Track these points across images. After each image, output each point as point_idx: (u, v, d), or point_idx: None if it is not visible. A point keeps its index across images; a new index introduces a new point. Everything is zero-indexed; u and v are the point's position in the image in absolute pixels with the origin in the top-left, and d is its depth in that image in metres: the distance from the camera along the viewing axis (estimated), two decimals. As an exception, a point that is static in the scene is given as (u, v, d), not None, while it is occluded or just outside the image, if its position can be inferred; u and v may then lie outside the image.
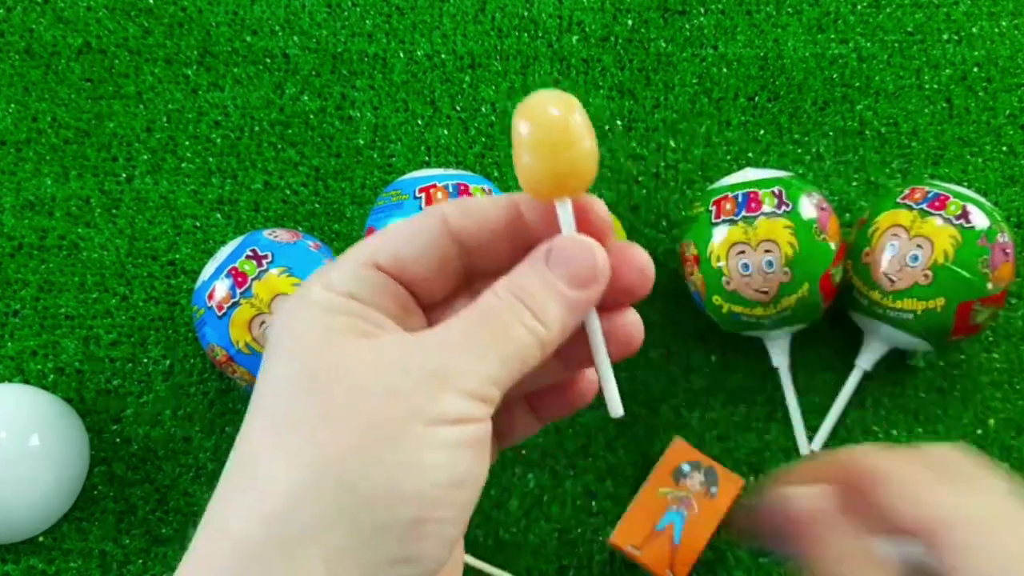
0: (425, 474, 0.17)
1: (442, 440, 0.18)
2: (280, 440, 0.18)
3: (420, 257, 0.21)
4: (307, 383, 0.18)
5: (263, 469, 0.17)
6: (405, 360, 0.18)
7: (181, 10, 0.52)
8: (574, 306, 0.20)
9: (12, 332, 0.46)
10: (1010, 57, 0.52)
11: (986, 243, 0.40)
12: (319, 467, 0.17)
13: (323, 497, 0.17)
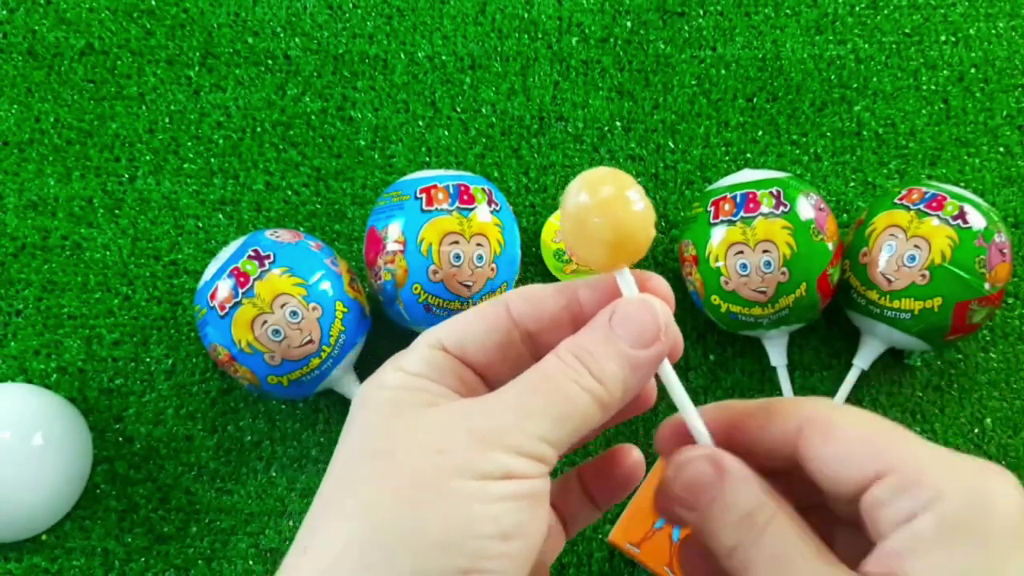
0: (471, 526, 0.18)
1: (490, 494, 0.18)
2: (339, 502, 0.19)
3: (483, 341, 0.22)
4: (370, 450, 0.19)
5: (320, 530, 0.18)
6: (460, 420, 0.19)
7: (183, 11, 0.53)
8: (637, 366, 0.20)
9: (15, 332, 0.46)
10: (1007, 58, 0.53)
11: (983, 243, 0.40)
12: (369, 520, 0.18)
13: (371, 547, 0.17)
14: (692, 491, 0.20)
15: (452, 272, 0.40)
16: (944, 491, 0.17)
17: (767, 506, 0.20)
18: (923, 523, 0.17)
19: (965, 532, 0.17)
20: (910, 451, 0.18)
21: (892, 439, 0.19)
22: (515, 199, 0.50)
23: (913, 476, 0.18)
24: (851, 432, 0.19)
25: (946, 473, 0.18)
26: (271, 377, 0.39)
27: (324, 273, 0.40)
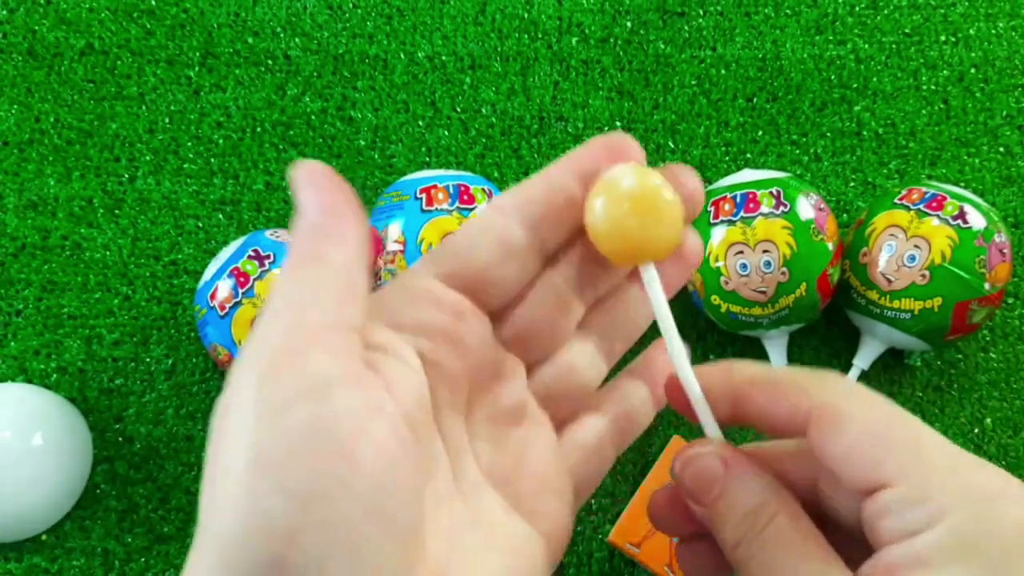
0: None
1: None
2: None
3: (482, 241, 0.20)
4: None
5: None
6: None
7: (183, 12, 0.53)
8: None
9: (15, 332, 0.46)
10: (1007, 58, 0.53)
11: (983, 243, 0.40)
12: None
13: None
14: (699, 486, 0.20)
15: (452, 272, 0.40)
16: (950, 509, 0.17)
17: (770, 504, 0.19)
18: (925, 540, 0.17)
19: (967, 555, 0.17)
20: (921, 459, 0.18)
21: (903, 443, 0.18)
22: (515, 199, 0.50)
23: (921, 490, 0.17)
24: (861, 430, 0.18)
25: (956, 490, 0.17)
26: (271, 377, 0.39)
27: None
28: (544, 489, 0.21)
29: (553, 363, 0.22)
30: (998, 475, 0.18)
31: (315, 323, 0.17)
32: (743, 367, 0.21)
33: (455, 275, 0.20)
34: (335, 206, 0.19)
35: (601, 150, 0.21)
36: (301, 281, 0.18)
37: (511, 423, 0.21)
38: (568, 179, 0.21)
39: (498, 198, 0.21)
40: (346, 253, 0.18)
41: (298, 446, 0.16)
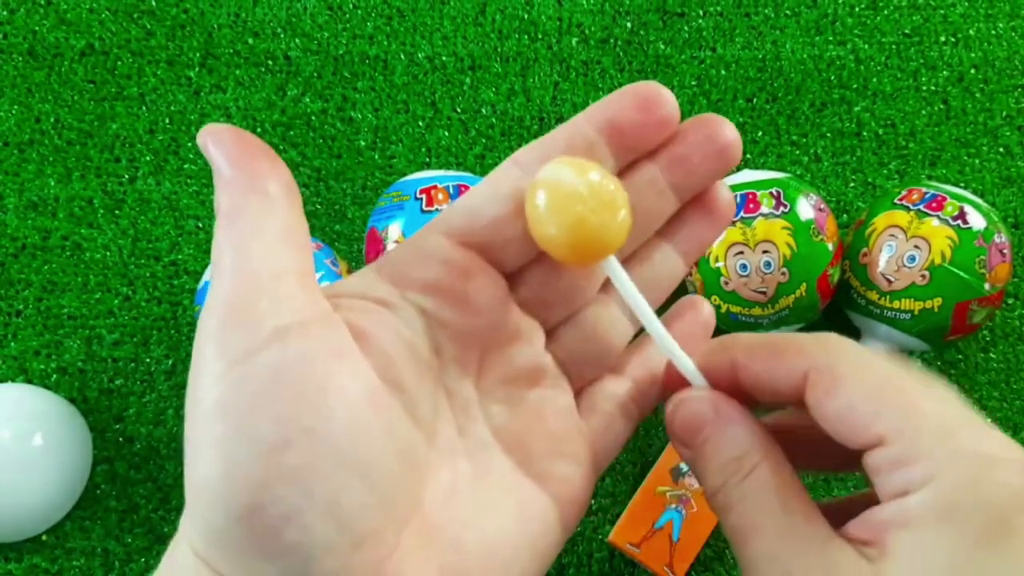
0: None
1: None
2: None
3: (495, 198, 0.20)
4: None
5: None
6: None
7: (183, 12, 0.53)
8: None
9: (15, 332, 0.46)
10: (1007, 59, 0.53)
11: (983, 243, 0.40)
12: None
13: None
14: (688, 429, 0.20)
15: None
16: (940, 472, 0.17)
17: (754, 453, 0.19)
18: (912, 501, 0.17)
19: (953, 518, 0.16)
20: (915, 418, 0.17)
21: (898, 404, 0.18)
22: (515, 199, 0.50)
23: (912, 450, 0.17)
24: (855, 391, 0.18)
25: (948, 452, 0.17)
26: (271, 377, 0.39)
27: (324, 274, 0.40)
28: (558, 452, 0.21)
29: (574, 324, 0.22)
30: (997, 441, 0.17)
31: (262, 271, 0.17)
32: (740, 337, 0.21)
33: (467, 232, 0.19)
34: (247, 155, 0.18)
35: (630, 100, 0.19)
36: (238, 235, 0.17)
37: (527, 385, 0.21)
38: (593, 132, 0.20)
39: (520, 152, 0.20)
40: (273, 198, 0.18)
41: (260, 395, 0.16)
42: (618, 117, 0.20)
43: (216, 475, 0.16)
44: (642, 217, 0.21)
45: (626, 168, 0.21)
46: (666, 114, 0.20)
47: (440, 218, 0.20)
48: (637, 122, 0.20)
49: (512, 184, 0.19)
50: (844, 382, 0.18)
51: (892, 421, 0.17)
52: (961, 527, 0.16)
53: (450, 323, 0.19)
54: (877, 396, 0.18)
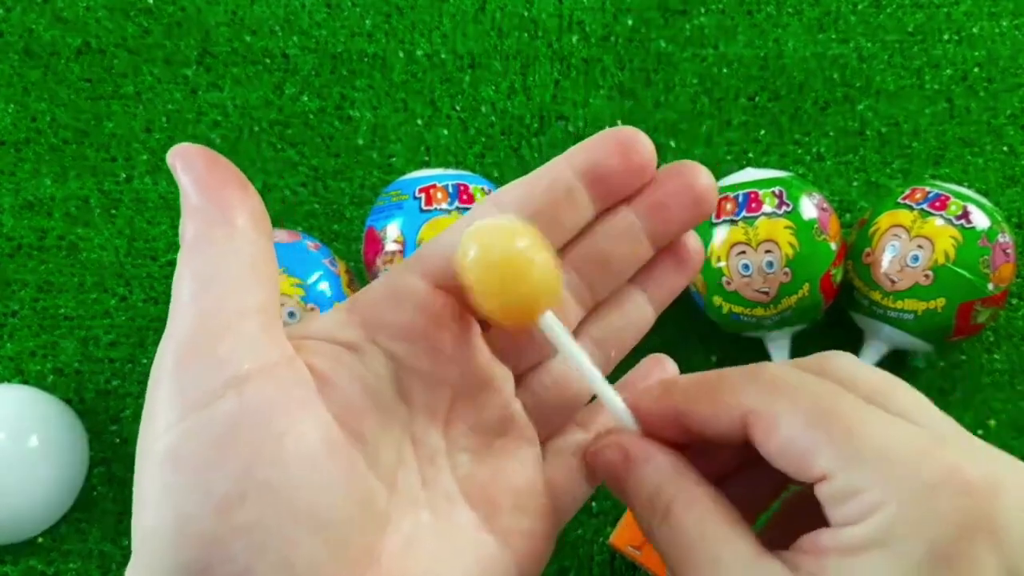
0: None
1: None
2: None
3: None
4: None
5: None
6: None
7: (180, 10, 0.52)
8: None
9: (11, 333, 0.46)
10: (1011, 57, 0.52)
11: (987, 243, 0.40)
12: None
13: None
14: (607, 475, 0.20)
15: (451, 273, 0.40)
16: (883, 502, 0.16)
17: (666, 489, 0.19)
18: (855, 531, 0.17)
19: (894, 547, 0.16)
20: (853, 451, 0.17)
21: (838, 433, 0.17)
22: (515, 199, 0.49)
23: (852, 483, 0.17)
24: (793, 427, 0.18)
25: (889, 481, 0.16)
26: (269, 379, 0.39)
27: (322, 273, 0.40)
28: (522, 507, 0.20)
29: (544, 371, 0.22)
30: (944, 462, 0.16)
31: (224, 309, 0.17)
32: (679, 381, 0.20)
33: (443, 275, 0.19)
34: (218, 184, 0.18)
35: (610, 146, 0.20)
36: (202, 268, 0.17)
37: (495, 435, 0.21)
38: (572, 176, 0.20)
39: (498, 193, 0.20)
40: (241, 231, 0.17)
41: (215, 447, 0.15)
42: (598, 163, 0.20)
43: (166, 527, 0.15)
44: (617, 263, 0.21)
45: (604, 213, 0.21)
46: (644, 161, 0.20)
47: (415, 257, 0.20)
48: (616, 168, 0.20)
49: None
50: (780, 421, 0.18)
51: (831, 456, 0.17)
52: (901, 557, 0.16)
53: (421, 370, 0.19)
54: (815, 431, 0.17)
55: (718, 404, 0.19)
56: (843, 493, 0.17)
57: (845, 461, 0.17)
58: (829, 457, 0.17)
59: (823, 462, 0.17)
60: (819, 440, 0.17)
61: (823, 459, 0.17)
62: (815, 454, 0.17)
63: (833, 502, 0.17)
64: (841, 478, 0.17)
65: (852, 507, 0.17)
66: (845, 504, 0.17)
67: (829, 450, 0.17)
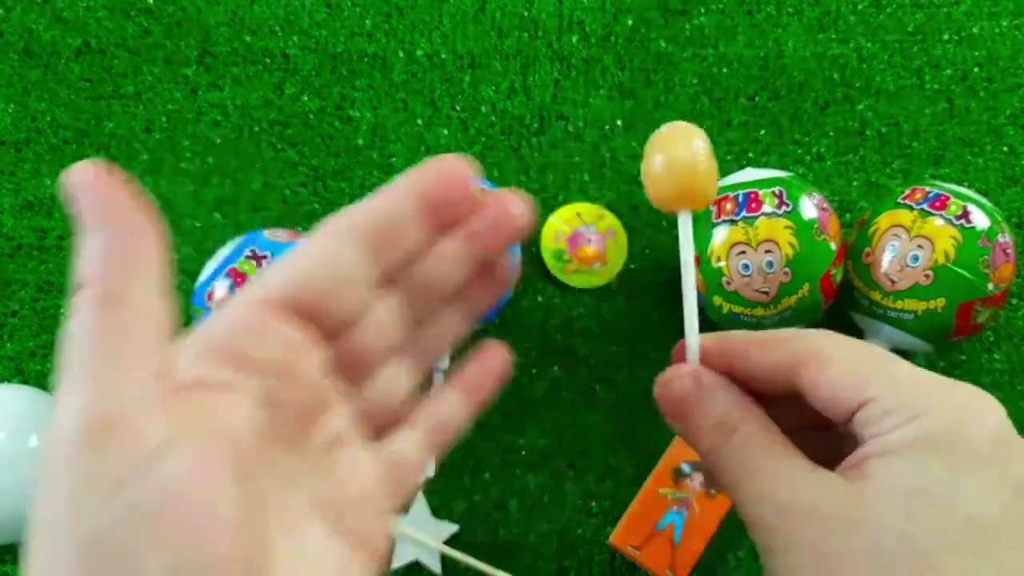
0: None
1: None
2: None
3: (321, 269, 0.20)
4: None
5: None
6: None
7: (180, 10, 0.52)
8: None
9: (11, 333, 0.46)
10: (1011, 57, 0.52)
11: (987, 243, 0.40)
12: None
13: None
14: (676, 402, 0.24)
15: (451, 272, 0.40)
16: (923, 412, 0.19)
17: (734, 412, 0.22)
18: (896, 435, 0.19)
19: (931, 448, 0.19)
20: (898, 378, 0.20)
21: (882, 368, 0.21)
22: (515, 199, 0.49)
23: (898, 400, 0.20)
24: (843, 362, 0.21)
25: (929, 397, 0.20)
26: (269, 379, 0.39)
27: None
28: (364, 509, 0.22)
29: (375, 380, 0.23)
30: (979, 393, 0.20)
31: (126, 379, 0.16)
32: (738, 332, 0.24)
33: (292, 304, 0.20)
34: (124, 223, 0.17)
35: (438, 178, 0.22)
36: (100, 328, 0.16)
37: (335, 448, 0.21)
38: (406, 204, 0.21)
39: (335, 221, 0.21)
40: (146, 285, 0.17)
41: (140, 532, 0.15)
42: (427, 193, 0.22)
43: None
44: (438, 287, 0.23)
45: (433, 236, 0.22)
46: (469, 193, 0.22)
47: (263, 284, 0.20)
48: (444, 199, 0.22)
49: (337, 259, 0.20)
50: (832, 360, 0.21)
51: (880, 383, 0.20)
52: (938, 455, 0.19)
53: (283, 401, 0.19)
54: (864, 367, 0.21)
55: (771, 351, 0.23)
56: (889, 409, 0.20)
57: (892, 386, 0.20)
58: (878, 384, 0.20)
59: (872, 388, 0.20)
60: (870, 372, 0.21)
61: (873, 386, 0.20)
62: (866, 383, 0.20)
63: (875, 421, 0.20)
64: (888, 398, 0.20)
65: (892, 419, 0.20)
66: (887, 419, 0.20)
67: (878, 379, 0.20)
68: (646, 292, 0.48)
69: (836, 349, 0.22)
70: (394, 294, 0.22)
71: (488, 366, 0.25)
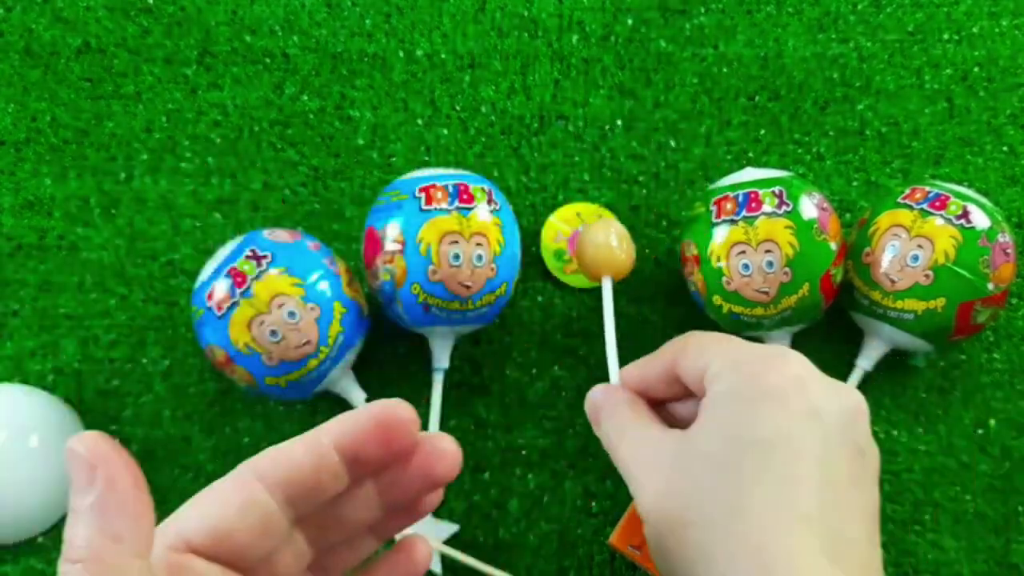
0: None
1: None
2: None
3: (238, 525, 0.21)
4: None
5: None
6: None
7: (180, 9, 0.52)
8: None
9: (11, 333, 0.46)
10: (1011, 57, 0.52)
11: (987, 243, 0.40)
12: None
13: None
14: (591, 410, 0.34)
15: (451, 272, 0.40)
16: (738, 367, 0.29)
17: (611, 400, 0.33)
18: (718, 387, 0.29)
19: (729, 400, 0.28)
20: (727, 348, 0.30)
21: (718, 344, 0.30)
22: (515, 198, 0.49)
23: (718, 369, 0.29)
24: (693, 346, 0.31)
25: (730, 363, 0.29)
26: (268, 378, 0.39)
27: (322, 273, 0.40)
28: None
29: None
30: (784, 350, 0.29)
31: None
32: (643, 368, 0.34)
33: (215, 549, 0.21)
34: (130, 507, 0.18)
35: (375, 431, 0.22)
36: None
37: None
38: (333, 459, 0.22)
39: (261, 466, 0.21)
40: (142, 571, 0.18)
41: None
42: (361, 449, 0.22)
43: None
44: (352, 526, 0.24)
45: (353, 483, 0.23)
46: (406, 446, 0.23)
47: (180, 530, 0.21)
48: (377, 455, 0.22)
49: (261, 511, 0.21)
50: (687, 347, 0.31)
51: (714, 354, 0.30)
52: (732, 405, 0.28)
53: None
54: (706, 346, 0.30)
55: (658, 355, 0.33)
56: (716, 373, 0.29)
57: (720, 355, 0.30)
58: (712, 355, 0.30)
59: (709, 359, 0.30)
60: (709, 348, 0.30)
61: (709, 357, 0.30)
62: (707, 355, 0.30)
63: (711, 381, 0.29)
64: (717, 363, 0.29)
65: (720, 377, 0.29)
66: (717, 378, 0.29)
67: (713, 352, 0.30)
68: (646, 292, 0.48)
69: (691, 339, 0.31)
70: (302, 531, 0.23)
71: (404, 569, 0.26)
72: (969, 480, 0.44)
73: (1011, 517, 0.44)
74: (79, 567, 0.17)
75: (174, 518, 0.21)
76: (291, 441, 0.22)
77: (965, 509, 0.44)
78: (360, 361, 0.44)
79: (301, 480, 0.22)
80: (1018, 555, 0.43)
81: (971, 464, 0.45)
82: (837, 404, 0.28)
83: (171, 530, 0.21)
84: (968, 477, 0.45)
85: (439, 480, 0.24)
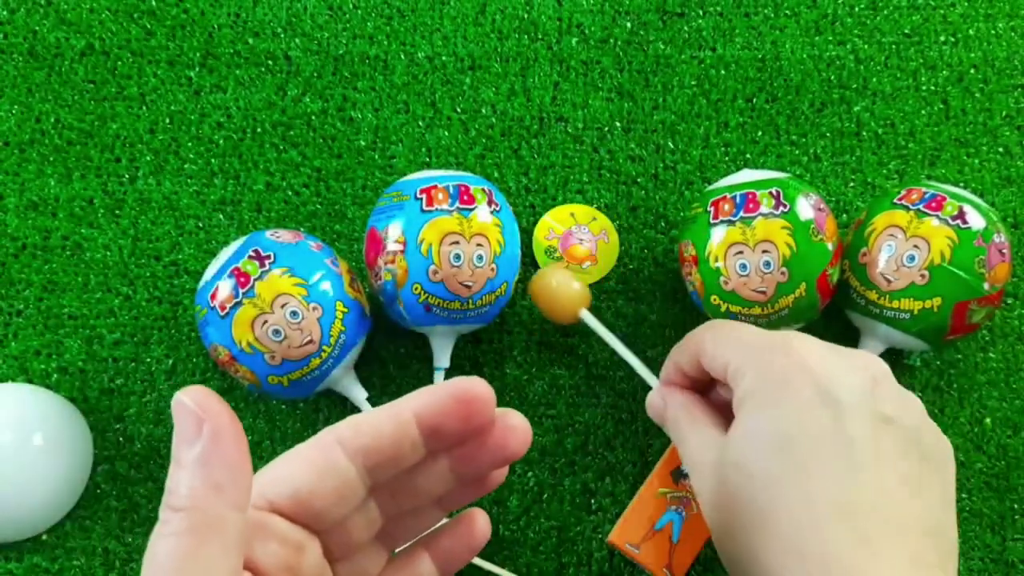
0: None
1: None
2: None
3: (316, 489, 0.21)
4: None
5: None
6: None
7: (183, 12, 0.53)
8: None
9: (16, 332, 0.47)
10: (1006, 59, 0.53)
11: (982, 243, 0.40)
12: None
13: None
14: (653, 412, 0.38)
15: (452, 272, 0.40)
16: (746, 371, 0.30)
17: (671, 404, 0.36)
18: (742, 388, 0.30)
19: (755, 395, 0.30)
20: (742, 340, 0.32)
21: (733, 336, 0.33)
22: (515, 199, 0.50)
23: (736, 366, 0.31)
24: (711, 341, 0.33)
25: (752, 361, 0.31)
26: (271, 377, 0.40)
27: (324, 273, 0.40)
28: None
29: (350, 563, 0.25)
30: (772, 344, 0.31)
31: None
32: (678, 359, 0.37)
33: (294, 510, 0.21)
34: (232, 461, 0.18)
35: (455, 407, 0.22)
36: (192, 560, 0.17)
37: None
38: (414, 429, 0.22)
39: (344, 434, 0.22)
40: (235, 519, 0.18)
41: None
42: (441, 423, 0.22)
43: None
44: (422, 495, 0.25)
45: (429, 455, 0.24)
46: (483, 422, 0.23)
47: (266, 491, 0.21)
48: (456, 430, 0.22)
49: (341, 477, 0.22)
50: (705, 342, 0.34)
51: (732, 349, 0.32)
52: (757, 399, 0.30)
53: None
54: (722, 340, 0.33)
55: (682, 349, 0.36)
56: (734, 374, 0.31)
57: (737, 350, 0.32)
58: (731, 351, 0.32)
59: (725, 360, 0.32)
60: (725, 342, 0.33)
61: (725, 358, 0.32)
62: (724, 350, 0.32)
63: (733, 379, 0.31)
64: (733, 364, 0.31)
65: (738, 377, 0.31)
66: (738, 376, 0.31)
67: (730, 346, 0.32)
68: (644, 292, 0.48)
69: (707, 332, 0.34)
70: (376, 499, 0.24)
71: (465, 541, 0.27)
72: (965, 478, 0.45)
73: (1007, 515, 0.44)
74: (181, 515, 0.18)
75: (257, 478, 0.21)
76: (374, 410, 0.22)
77: (961, 507, 0.44)
78: (362, 360, 0.44)
79: (381, 449, 0.22)
80: (1014, 552, 0.44)
81: (967, 462, 0.45)
82: (848, 380, 0.28)
83: (255, 490, 0.21)
84: (964, 475, 0.45)
85: (511, 455, 0.24)
